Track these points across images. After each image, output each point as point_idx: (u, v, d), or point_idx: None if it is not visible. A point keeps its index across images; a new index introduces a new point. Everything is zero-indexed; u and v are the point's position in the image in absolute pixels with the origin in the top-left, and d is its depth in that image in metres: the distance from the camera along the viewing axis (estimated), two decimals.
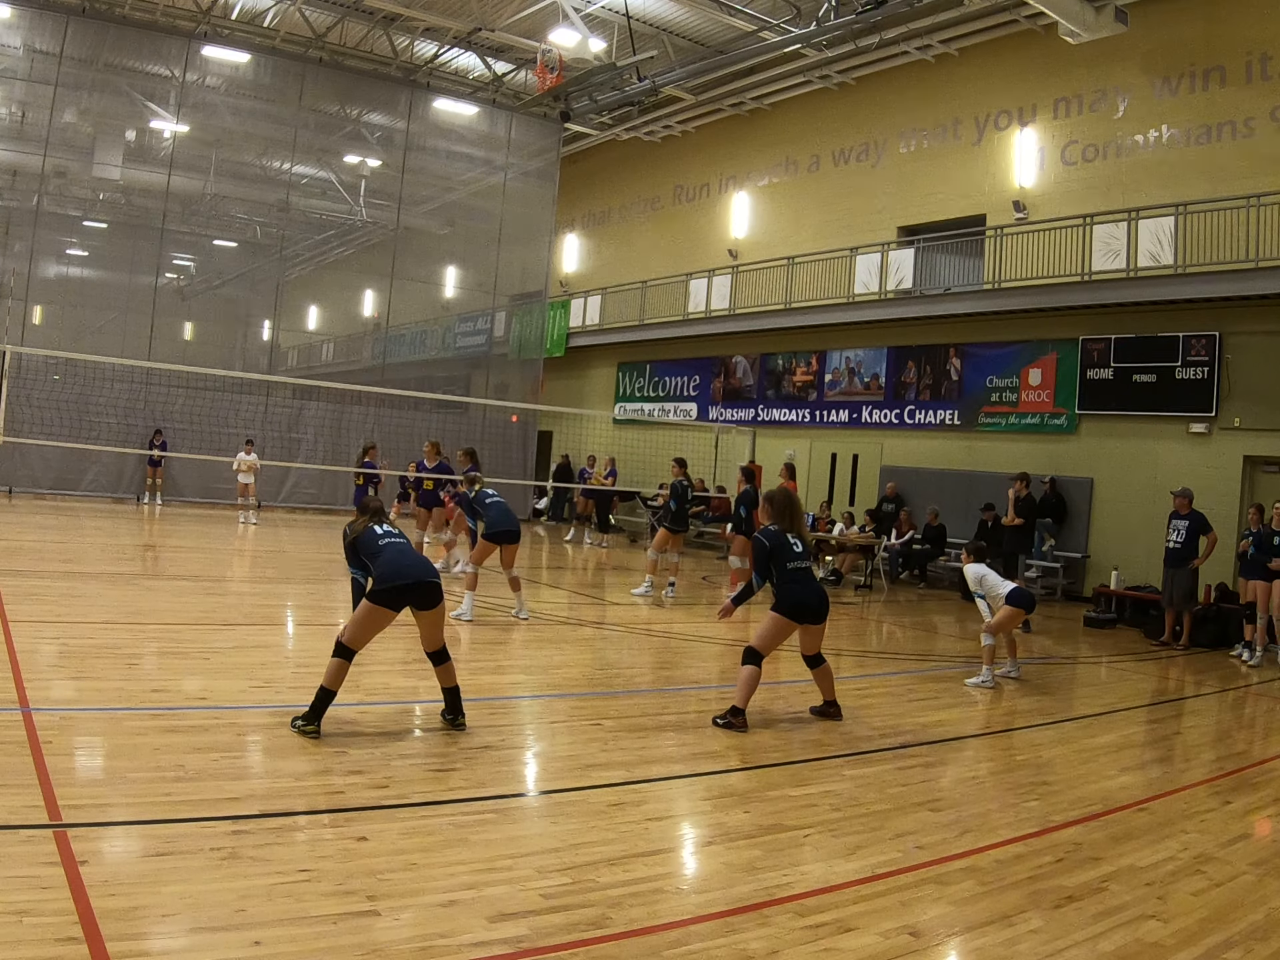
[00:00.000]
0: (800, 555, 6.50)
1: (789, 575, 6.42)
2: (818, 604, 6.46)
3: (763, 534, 6.57)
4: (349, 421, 21.77)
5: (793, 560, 6.45)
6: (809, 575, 6.53)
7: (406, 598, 5.41)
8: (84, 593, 9.31)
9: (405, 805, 4.41)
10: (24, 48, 19.70)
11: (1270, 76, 13.87)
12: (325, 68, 21.88)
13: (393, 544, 5.57)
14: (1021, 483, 13.24)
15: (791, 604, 6.38)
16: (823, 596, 6.52)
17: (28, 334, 19.41)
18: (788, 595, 6.40)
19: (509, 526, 9.63)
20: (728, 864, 4.05)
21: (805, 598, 6.40)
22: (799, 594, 6.39)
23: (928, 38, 17.48)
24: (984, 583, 8.72)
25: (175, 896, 3.31)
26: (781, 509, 6.63)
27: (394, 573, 5.38)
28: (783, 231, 21.08)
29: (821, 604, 6.49)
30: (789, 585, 6.41)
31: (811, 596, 6.43)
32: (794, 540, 6.52)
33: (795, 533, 6.58)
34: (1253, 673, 10.38)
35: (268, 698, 6.06)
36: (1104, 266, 14.66)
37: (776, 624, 6.39)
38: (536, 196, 24.72)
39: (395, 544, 5.59)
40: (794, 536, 6.54)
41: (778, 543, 6.47)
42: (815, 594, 6.47)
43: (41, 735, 4.78)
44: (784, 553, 6.45)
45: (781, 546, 6.46)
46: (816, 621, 6.50)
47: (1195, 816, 5.16)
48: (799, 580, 6.43)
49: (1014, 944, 3.51)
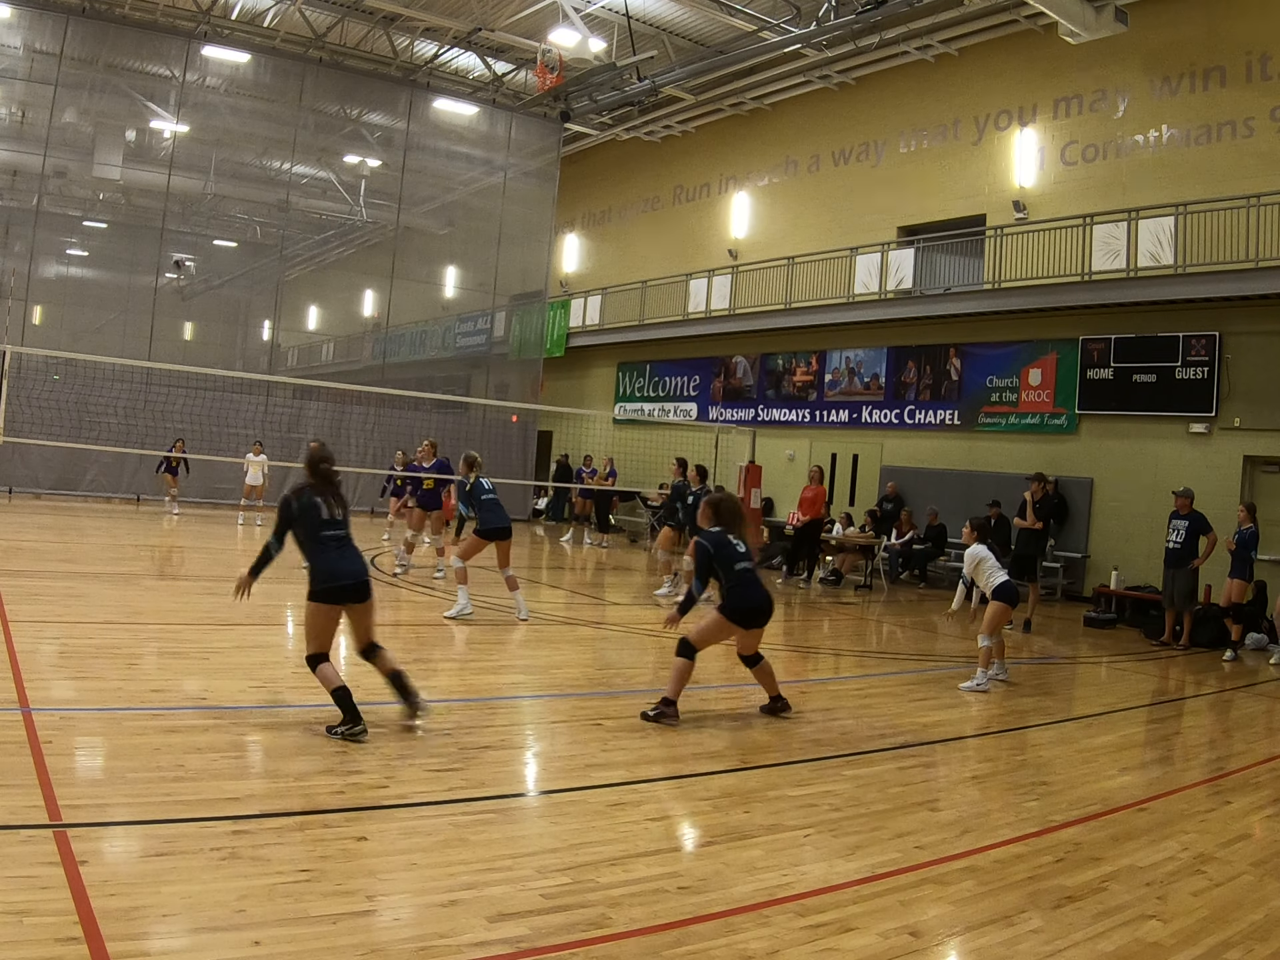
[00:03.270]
0: (745, 556, 6.39)
1: (738, 577, 6.31)
2: (767, 608, 6.40)
3: (705, 537, 6.44)
4: (349, 421, 21.77)
5: (739, 561, 6.34)
6: (756, 577, 6.43)
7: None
8: (84, 593, 9.30)
9: (405, 805, 4.41)
10: (24, 48, 19.71)
11: (1270, 76, 13.87)
12: (325, 68, 21.88)
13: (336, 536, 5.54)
14: (1039, 483, 12.57)
15: (741, 608, 6.29)
16: (770, 600, 6.44)
17: (28, 334, 19.41)
18: (737, 599, 6.30)
19: (500, 524, 9.57)
20: (728, 864, 4.05)
21: (755, 602, 6.33)
22: (748, 598, 6.31)
23: (928, 38, 17.48)
24: (981, 566, 8.34)
25: (175, 896, 3.31)
26: (727, 515, 6.51)
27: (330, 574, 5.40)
28: (783, 231, 21.07)
29: (769, 608, 6.42)
30: (738, 589, 6.30)
31: (761, 600, 6.35)
32: (736, 541, 6.40)
33: (738, 536, 6.45)
34: (1273, 669, 10.44)
35: (268, 698, 6.06)
36: (1104, 266, 14.65)
37: (720, 625, 6.31)
38: (536, 196, 24.73)
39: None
40: (735, 538, 6.41)
41: (720, 545, 6.35)
42: (764, 597, 6.38)
43: (41, 735, 4.78)
44: (729, 555, 6.33)
45: (724, 548, 6.34)
46: (763, 625, 6.44)
47: (1195, 816, 5.15)
48: (747, 583, 6.33)
49: (1014, 944, 3.51)
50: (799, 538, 15.92)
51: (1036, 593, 12.43)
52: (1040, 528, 12.52)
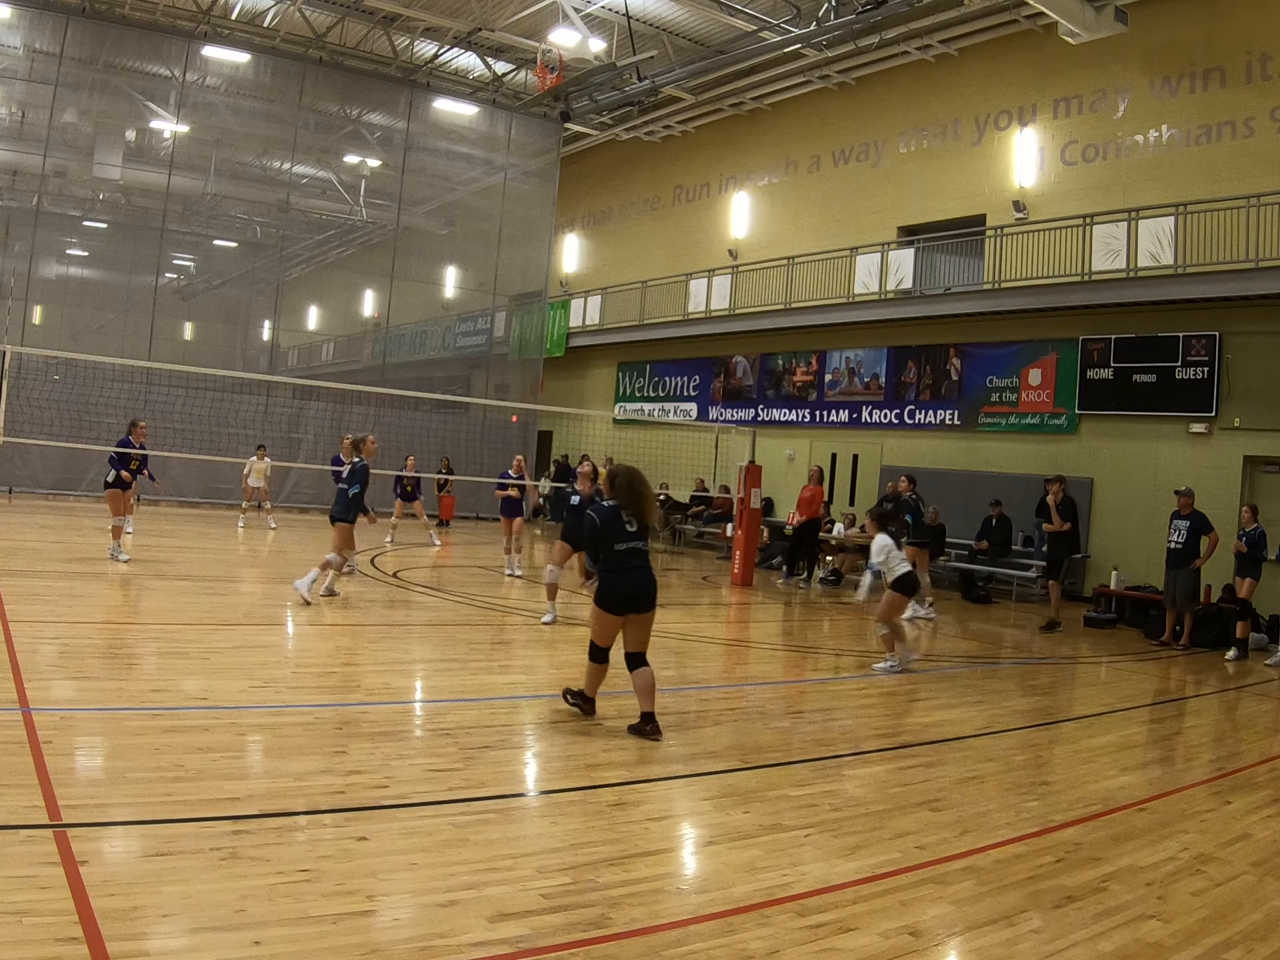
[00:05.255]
0: (633, 536, 6.00)
1: (614, 560, 5.95)
2: (638, 593, 5.94)
3: (595, 510, 6.12)
4: (349, 421, 21.76)
5: (622, 541, 5.96)
6: (636, 559, 6.00)
7: None
8: (84, 593, 9.30)
9: (405, 805, 4.41)
10: (24, 48, 19.72)
11: (1270, 76, 13.86)
12: (325, 68, 21.88)
13: None
14: (1058, 485, 12.41)
15: (609, 594, 5.94)
16: (646, 585, 5.98)
17: (28, 334, 19.41)
18: (606, 584, 5.96)
19: None
20: (728, 864, 4.05)
21: (623, 586, 5.91)
22: (617, 583, 5.92)
23: (928, 38, 17.48)
24: (889, 556, 8.51)
25: (175, 896, 3.31)
26: (622, 490, 6.10)
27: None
28: (783, 231, 21.07)
29: (644, 593, 5.96)
30: (610, 574, 5.95)
31: (631, 585, 5.93)
32: (628, 519, 6.02)
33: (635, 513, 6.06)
34: (1270, 669, 10.44)
35: (268, 698, 6.06)
36: (1104, 266, 14.65)
37: (598, 618, 6.01)
38: (536, 196, 24.73)
39: None
40: (629, 515, 6.03)
41: (609, 521, 6.00)
42: (634, 584, 5.94)
43: (41, 735, 4.78)
44: (614, 532, 5.97)
45: (612, 525, 5.98)
46: (639, 611, 5.96)
47: (1195, 816, 5.15)
48: (622, 568, 5.94)
49: (1014, 944, 3.51)
50: (797, 538, 15.94)
51: (1057, 592, 12.58)
52: (1067, 528, 12.41)
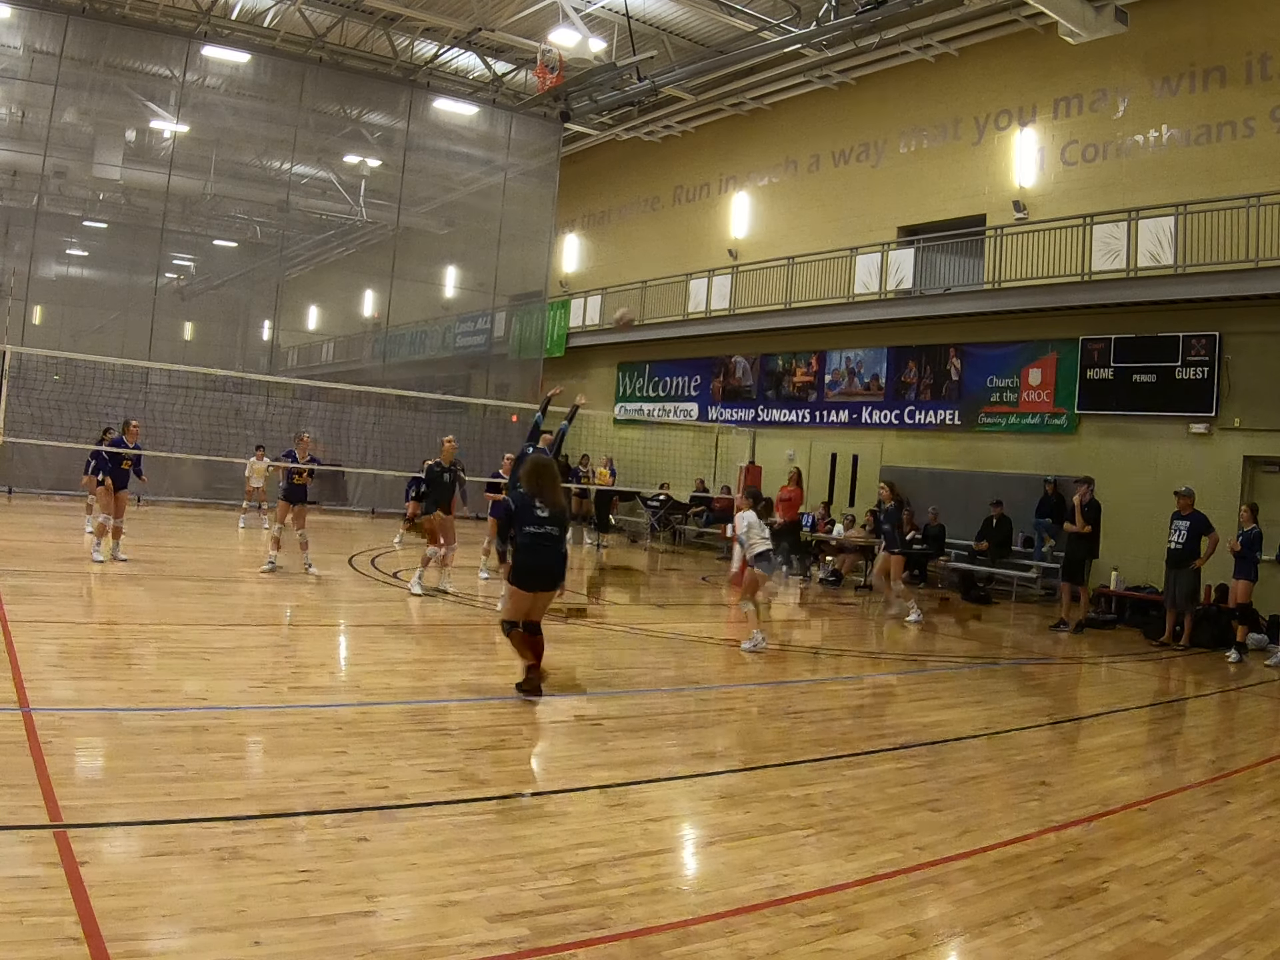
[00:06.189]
0: (544, 520, 6.54)
1: (526, 540, 6.50)
2: (547, 571, 6.57)
3: (512, 497, 6.76)
4: (349, 421, 21.77)
5: (532, 524, 6.52)
6: (548, 541, 6.56)
7: None
8: (84, 593, 9.31)
9: (405, 805, 4.41)
10: (24, 48, 19.71)
11: (1270, 76, 13.86)
12: (325, 68, 21.87)
13: None
14: (1086, 486, 12.57)
15: (519, 570, 6.51)
16: (555, 567, 6.62)
17: (28, 334, 19.41)
18: (518, 562, 6.53)
19: None
20: (728, 864, 4.05)
21: (532, 564, 6.52)
22: (527, 561, 6.51)
23: (928, 38, 17.48)
24: (751, 530, 9.18)
25: (175, 896, 3.31)
26: (531, 478, 6.72)
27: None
28: (783, 231, 21.06)
29: (550, 574, 6.60)
30: (521, 553, 6.52)
31: (537, 563, 6.53)
32: (540, 506, 6.57)
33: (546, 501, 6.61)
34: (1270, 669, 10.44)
35: (268, 698, 6.06)
36: (1104, 266, 14.64)
37: (511, 594, 6.58)
38: (536, 196, 24.72)
39: None
40: (542, 503, 6.59)
41: (523, 507, 6.57)
42: (543, 562, 6.55)
43: (41, 735, 4.78)
44: (525, 517, 6.53)
45: (525, 510, 6.55)
46: (547, 589, 6.61)
47: (1195, 816, 5.15)
48: (533, 548, 6.50)
49: (1014, 944, 3.51)
50: (776, 538, 15.96)
51: (1086, 595, 12.63)
52: (1088, 530, 12.43)
